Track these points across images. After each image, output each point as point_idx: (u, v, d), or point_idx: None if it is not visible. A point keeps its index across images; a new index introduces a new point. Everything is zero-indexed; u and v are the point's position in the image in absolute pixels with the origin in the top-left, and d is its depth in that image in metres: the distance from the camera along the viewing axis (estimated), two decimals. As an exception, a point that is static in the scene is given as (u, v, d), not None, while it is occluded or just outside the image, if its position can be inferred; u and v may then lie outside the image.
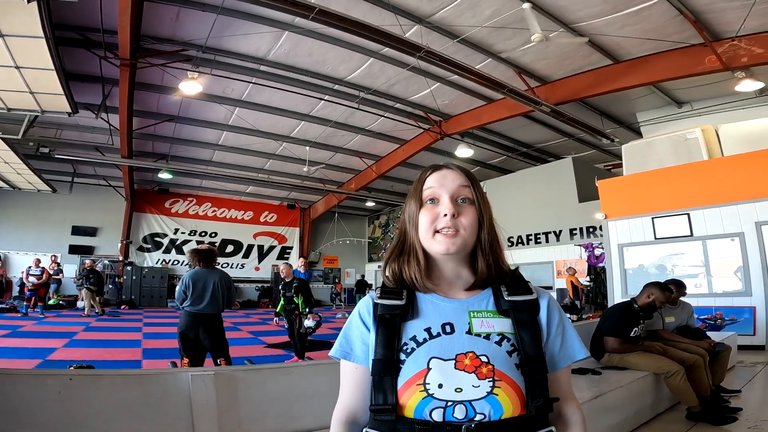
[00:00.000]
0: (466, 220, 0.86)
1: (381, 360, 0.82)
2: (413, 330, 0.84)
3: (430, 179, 0.91)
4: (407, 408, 0.78)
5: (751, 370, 5.01)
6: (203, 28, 7.16)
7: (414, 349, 0.81)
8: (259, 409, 2.05)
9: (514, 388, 0.77)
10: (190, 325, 4.12)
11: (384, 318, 0.85)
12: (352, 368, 0.89)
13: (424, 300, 0.88)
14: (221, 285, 4.25)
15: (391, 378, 0.80)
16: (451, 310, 0.86)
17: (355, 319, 0.92)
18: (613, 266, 8.32)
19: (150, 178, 15.69)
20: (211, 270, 4.32)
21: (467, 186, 0.89)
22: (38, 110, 7.98)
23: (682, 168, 7.72)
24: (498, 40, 7.54)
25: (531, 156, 13.86)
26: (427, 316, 0.85)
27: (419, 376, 0.79)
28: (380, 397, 0.80)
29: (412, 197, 0.92)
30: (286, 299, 6.27)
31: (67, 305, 13.62)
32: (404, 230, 0.93)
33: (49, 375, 1.85)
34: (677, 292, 4.20)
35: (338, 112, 10.46)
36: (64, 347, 6.59)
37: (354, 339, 0.90)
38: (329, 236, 19.93)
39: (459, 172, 0.91)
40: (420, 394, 0.78)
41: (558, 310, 0.89)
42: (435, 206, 0.88)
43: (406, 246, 0.91)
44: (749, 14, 5.98)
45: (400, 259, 0.91)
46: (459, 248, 0.85)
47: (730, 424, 3.10)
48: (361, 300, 0.95)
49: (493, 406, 0.76)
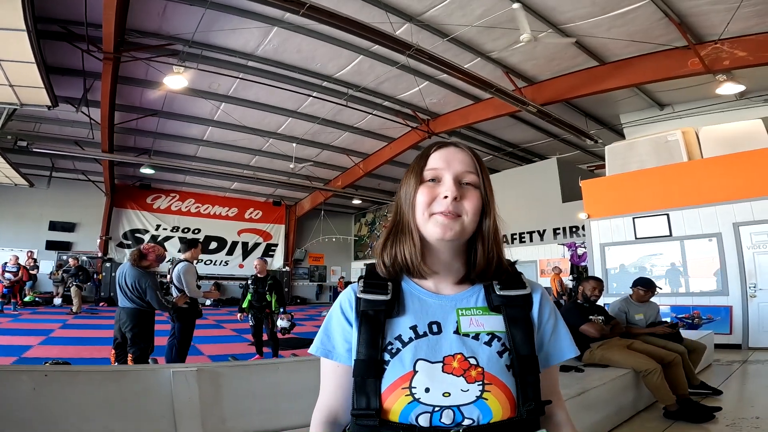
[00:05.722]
0: (470, 205, 0.79)
1: (364, 360, 0.76)
2: (398, 328, 0.79)
3: (435, 157, 0.83)
4: (392, 412, 0.73)
5: (727, 368, 5.14)
6: (190, 23, 7.04)
7: (399, 350, 0.76)
8: (244, 406, 2.02)
9: (504, 392, 0.74)
10: (115, 318, 4.35)
11: (367, 314, 0.79)
12: (333, 367, 0.83)
13: (410, 295, 0.82)
14: (131, 285, 4.22)
15: (375, 380, 0.75)
16: (439, 306, 0.81)
17: (336, 313, 0.85)
18: (594, 265, 8.45)
19: (131, 173, 15.37)
20: (131, 268, 4.28)
21: (474, 170, 0.82)
22: (17, 103, 7.76)
23: (663, 169, 7.88)
24: (487, 39, 7.57)
25: (516, 156, 13.99)
26: (413, 313, 0.80)
27: (405, 379, 0.74)
28: (363, 400, 0.75)
29: (411, 174, 0.85)
30: (257, 295, 6.12)
31: (43, 302, 13.26)
32: (400, 209, 0.85)
33: (23, 371, 1.79)
34: (647, 292, 4.43)
35: (326, 109, 10.39)
36: (40, 345, 6.42)
37: (335, 336, 0.84)
38: (315, 234, 19.80)
39: (467, 153, 0.84)
40: (406, 399, 0.73)
41: (550, 305, 0.85)
42: (436, 186, 0.81)
43: (401, 227, 0.84)
44: (733, 18, 6.10)
45: (395, 242, 0.84)
46: (456, 235, 0.78)
47: (709, 422, 3.15)
48: (342, 292, 0.88)
49: (483, 410, 0.72)
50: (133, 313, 4.16)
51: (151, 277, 4.25)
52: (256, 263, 6.41)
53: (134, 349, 4.10)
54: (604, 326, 3.79)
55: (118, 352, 4.22)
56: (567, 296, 11.28)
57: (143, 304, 4.18)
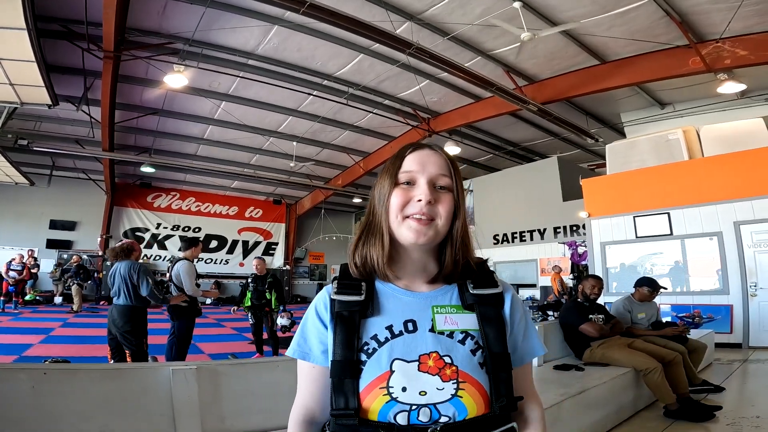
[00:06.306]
0: (444, 209, 0.81)
1: (340, 362, 0.78)
2: (374, 328, 0.80)
3: (409, 159, 0.84)
4: (370, 412, 0.75)
5: (728, 367, 5.14)
6: (191, 21, 7.02)
7: (375, 350, 0.78)
8: (244, 405, 2.01)
9: (478, 389, 0.76)
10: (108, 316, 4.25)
11: (342, 315, 0.80)
12: (309, 368, 0.85)
13: (385, 294, 0.83)
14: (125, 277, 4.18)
15: (352, 380, 0.77)
16: (414, 304, 0.82)
17: (311, 316, 0.86)
18: (595, 264, 8.45)
19: (132, 171, 15.36)
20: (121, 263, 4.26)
21: (448, 173, 0.83)
22: (17, 102, 7.76)
23: (664, 168, 7.87)
24: (487, 38, 7.56)
25: (517, 155, 13.96)
26: (388, 313, 0.81)
27: (382, 379, 0.76)
28: (341, 400, 0.76)
29: (386, 175, 0.85)
30: (257, 293, 6.13)
31: (44, 301, 13.27)
32: (373, 210, 0.86)
33: (22, 369, 1.78)
34: (652, 293, 4.44)
35: (326, 107, 10.37)
36: (41, 343, 6.43)
37: (311, 338, 0.85)
38: (315, 232, 19.78)
39: (441, 156, 0.85)
40: (383, 398, 0.75)
41: (521, 305, 0.87)
42: (410, 189, 0.82)
43: (372, 228, 0.85)
44: (734, 17, 6.08)
45: (366, 242, 0.84)
46: (429, 240, 0.80)
47: (709, 421, 3.15)
48: (318, 294, 0.89)
49: (458, 408, 0.74)
50: (123, 310, 4.10)
51: (143, 268, 4.23)
52: (255, 262, 6.42)
53: (128, 347, 4.09)
54: (603, 326, 3.81)
55: (114, 350, 4.19)
56: (568, 295, 11.28)
57: (135, 300, 4.13)
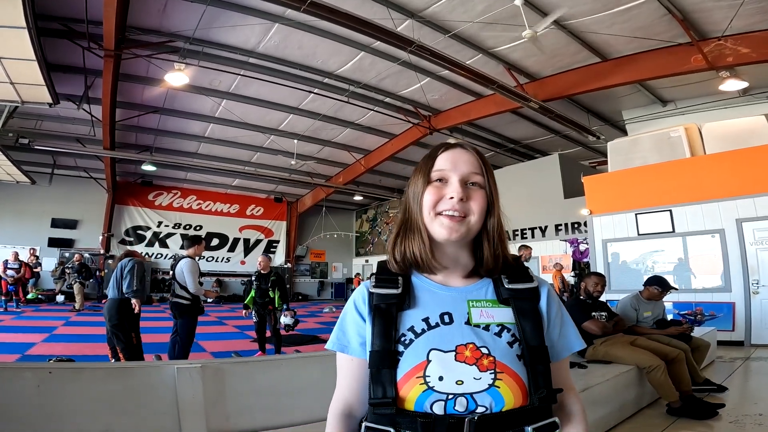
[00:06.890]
0: (476, 205, 0.83)
1: (378, 352, 0.80)
2: (410, 320, 0.82)
3: (442, 158, 0.86)
4: (407, 401, 0.76)
5: (730, 365, 5.13)
6: (191, 20, 7.01)
7: (412, 341, 0.79)
8: (247, 403, 2.02)
9: (516, 380, 0.76)
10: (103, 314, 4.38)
11: (380, 308, 0.83)
12: (348, 360, 0.87)
13: (421, 288, 0.86)
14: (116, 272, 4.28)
15: (390, 370, 0.78)
16: (449, 298, 0.84)
17: (350, 309, 0.89)
18: (597, 261, 8.44)
19: (133, 170, 15.37)
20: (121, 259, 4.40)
21: (480, 171, 0.85)
22: (18, 101, 7.76)
23: (666, 165, 7.85)
24: (489, 36, 7.53)
25: (518, 152, 13.94)
26: (425, 306, 0.83)
27: (419, 368, 0.77)
28: (379, 390, 0.78)
29: (419, 173, 0.88)
30: (260, 291, 6.12)
31: (46, 299, 13.30)
32: (409, 207, 0.89)
33: (27, 368, 1.79)
34: (662, 292, 4.42)
35: (327, 105, 10.36)
36: (44, 342, 6.44)
37: (350, 331, 0.87)
38: (316, 230, 19.80)
39: (473, 154, 0.87)
40: (420, 387, 0.76)
41: (557, 300, 0.88)
42: (442, 186, 0.84)
43: (410, 224, 0.88)
44: (736, 14, 6.05)
45: (405, 239, 0.87)
46: (461, 236, 0.82)
47: (712, 419, 3.15)
48: (356, 289, 0.91)
49: (495, 398, 0.75)
50: (112, 303, 4.23)
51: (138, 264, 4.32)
52: (260, 259, 6.44)
53: (117, 342, 4.13)
54: (606, 323, 3.80)
55: (113, 349, 4.26)
56: (569, 293, 11.28)
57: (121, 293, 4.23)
